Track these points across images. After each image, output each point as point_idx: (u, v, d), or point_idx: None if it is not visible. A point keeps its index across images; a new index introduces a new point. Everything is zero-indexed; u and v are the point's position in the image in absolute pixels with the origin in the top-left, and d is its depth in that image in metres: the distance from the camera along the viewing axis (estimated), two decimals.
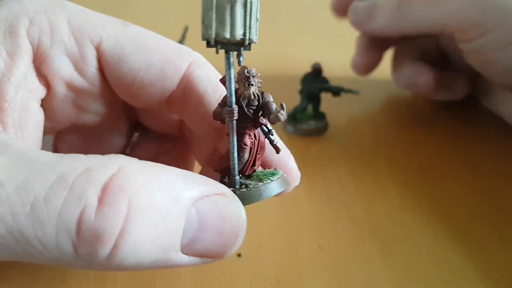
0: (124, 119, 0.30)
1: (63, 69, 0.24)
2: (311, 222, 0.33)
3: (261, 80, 0.23)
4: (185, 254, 0.20)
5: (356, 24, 0.43)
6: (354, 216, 0.33)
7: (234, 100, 0.22)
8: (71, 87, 0.25)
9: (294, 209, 0.34)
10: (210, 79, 0.25)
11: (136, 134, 0.33)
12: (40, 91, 0.23)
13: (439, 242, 0.31)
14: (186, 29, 0.52)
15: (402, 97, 0.51)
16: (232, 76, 0.22)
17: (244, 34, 0.20)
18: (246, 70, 0.22)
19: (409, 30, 0.41)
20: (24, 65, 0.22)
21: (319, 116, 0.44)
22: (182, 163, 0.32)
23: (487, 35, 0.36)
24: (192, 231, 0.20)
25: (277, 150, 0.25)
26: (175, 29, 0.54)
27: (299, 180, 0.27)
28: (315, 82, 0.43)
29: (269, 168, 0.25)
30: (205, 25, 0.20)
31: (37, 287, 0.26)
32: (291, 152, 0.27)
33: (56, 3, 0.24)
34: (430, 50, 0.48)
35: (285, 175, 0.25)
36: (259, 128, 0.24)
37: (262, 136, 0.24)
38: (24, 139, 0.22)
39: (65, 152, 0.29)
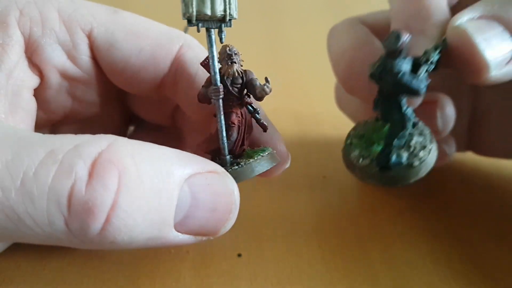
0: (119, 110, 0.31)
1: (55, 58, 0.24)
2: (311, 222, 0.33)
3: (242, 59, 0.23)
4: (178, 231, 0.20)
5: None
6: (354, 216, 0.33)
7: (218, 78, 0.22)
8: (64, 75, 0.25)
9: (294, 209, 0.34)
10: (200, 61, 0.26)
11: (131, 128, 0.33)
12: (33, 80, 0.24)
13: (439, 242, 0.31)
14: (186, 29, 0.52)
15: None
16: (215, 54, 0.22)
17: (225, 10, 0.20)
18: (227, 48, 0.23)
19: None
20: (15, 55, 0.22)
21: None
22: None
23: None
24: (185, 208, 0.20)
25: (264, 129, 0.25)
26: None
27: (289, 161, 0.27)
28: None
29: (258, 147, 0.25)
30: (185, 3, 0.20)
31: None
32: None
33: None
34: None
35: (275, 152, 0.25)
36: (245, 108, 0.24)
37: (248, 115, 0.25)
38: (16, 125, 0.23)
39: None
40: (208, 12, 0.20)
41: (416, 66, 0.25)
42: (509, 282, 0.28)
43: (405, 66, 0.24)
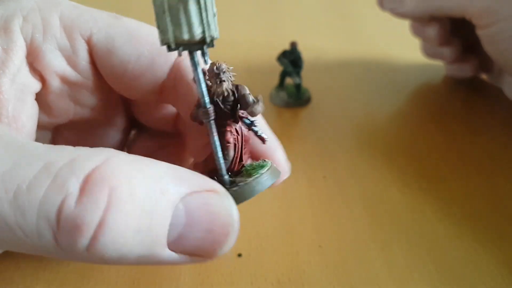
0: (121, 115, 0.31)
1: (56, 64, 0.24)
2: (312, 222, 0.33)
3: (233, 73, 0.22)
4: (173, 251, 0.20)
5: (389, 9, 0.48)
6: (355, 216, 0.33)
7: (207, 100, 0.21)
8: (65, 80, 0.25)
9: (294, 209, 0.34)
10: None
11: (133, 132, 0.33)
12: (34, 85, 0.24)
13: (439, 242, 0.31)
14: None
15: (402, 89, 0.51)
16: (201, 76, 0.21)
17: (204, 32, 0.19)
18: (215, 67, 0.22)
19: (435, 13, 0.44)
20: (19, 59, 0.23)
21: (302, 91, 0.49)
22: (178, 159, 0.32)
23: (501, 23, 0.39)
24: (179, 227, 0.19)
25: (263, 141, 0.24)
26: None
27: (289, 171, 0.27)
28: (288, 57, 0.48)
29: (257, 160, 0.24)
30: (161, 30, 0.19)
31: None
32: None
33: (50, 0, 0.24)
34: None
35: (275, 165, 0.24)
36: (240, 122, 0.23)
37: (245, 130, 0.24)
38: (18, 130, 0.23)
39: None
40: (186, 36, 0.19)
41: None
42: (510, 282, 0.28)
43: None
